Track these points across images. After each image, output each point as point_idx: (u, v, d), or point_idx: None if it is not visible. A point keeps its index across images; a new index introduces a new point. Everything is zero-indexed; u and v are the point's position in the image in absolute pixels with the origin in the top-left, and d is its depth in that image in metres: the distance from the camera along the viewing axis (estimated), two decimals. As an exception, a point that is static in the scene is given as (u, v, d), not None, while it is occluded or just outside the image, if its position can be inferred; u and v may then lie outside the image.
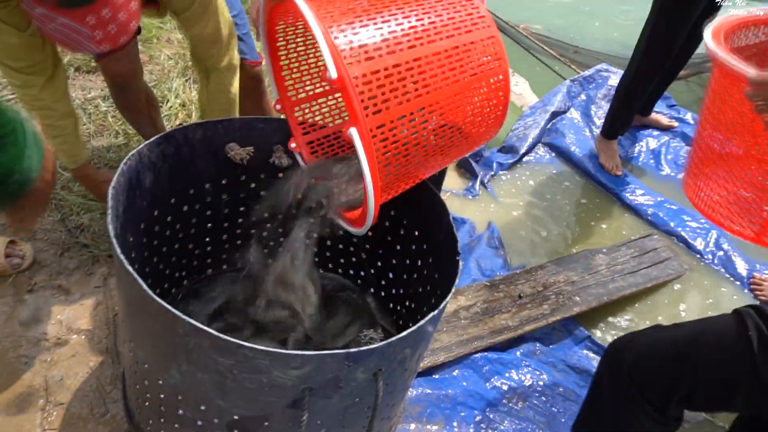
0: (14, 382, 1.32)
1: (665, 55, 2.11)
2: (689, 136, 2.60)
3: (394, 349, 0.84)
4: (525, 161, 2.42)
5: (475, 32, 0.92)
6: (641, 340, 1.04)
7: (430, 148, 0.93)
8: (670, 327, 1.05)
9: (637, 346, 1.03)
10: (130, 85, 1.64)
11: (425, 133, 0.90)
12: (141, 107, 1.73)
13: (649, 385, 0.99)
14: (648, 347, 1.02)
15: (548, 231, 2.12)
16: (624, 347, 1.05)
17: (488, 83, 0.95)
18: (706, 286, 1.98)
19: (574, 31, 3.73)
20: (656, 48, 2.09)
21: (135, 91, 1.67)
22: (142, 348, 0.95)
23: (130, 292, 0.89)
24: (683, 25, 2.01)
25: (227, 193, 1.38)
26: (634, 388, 1.00)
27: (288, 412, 0.87)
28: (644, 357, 1.01)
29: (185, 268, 1.45)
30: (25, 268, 1.53)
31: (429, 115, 0.88)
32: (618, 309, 1.85)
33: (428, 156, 0.95)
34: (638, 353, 1.01)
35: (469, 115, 0.95)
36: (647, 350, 1.01)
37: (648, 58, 2.13)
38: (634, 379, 1.00)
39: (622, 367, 1.02)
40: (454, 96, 0.90)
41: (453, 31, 0.90)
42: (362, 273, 1.55)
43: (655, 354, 1.00)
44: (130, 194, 1.12)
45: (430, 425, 1.41)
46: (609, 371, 1.07)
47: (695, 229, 2.15)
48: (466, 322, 1.64)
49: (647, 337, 1.04)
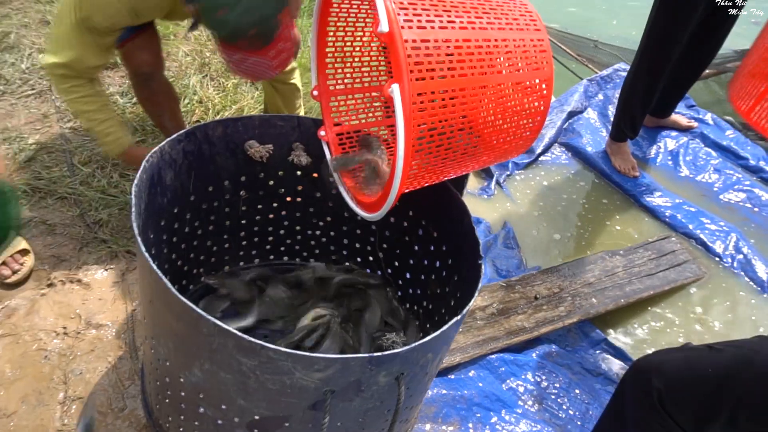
0: (35, 375, 1.33)
1: (665, 54, 2.07)
2: (708, 137, 2.57)
3: (416, 353, 0.84)
4: (541, 161, 2.40)
5: (527, 32, 0.92)
6: (672, 365, 0.98)
7: (464, 142, 0.93)
8: (705, 351, 0.99)
9: (668, 372, 0.98)
10: (153, 75, 1.65)
11: (462, 121, 0.89)
12: (163, 99, 1.74)
13: (683, 412, 0.95)
14: (681, 374, 0.96)
15: (564, 232, 2.11)
16: (651, 370, 1.00)
17: (532, 84, 0.94)
18: (725, 290, 1.95)
19: (591, 29, 3.69)
20: (655, 46, 2.06)
21: (158, 82, 1.69)
22: (164, 346, 0.96)
23: (154, 290, 0.89)
24: (683, 24, 1.98)
25: (246, 190, 1.38)
26: (665, 414, 0.96)
27: (309, 413, 0.87)
28: (677, 384, 0.96)
29: (203, 264, 1.46)
30: (18, 280, 1.50)
31: (471, 98, 0.87)
32: (635, 312, 1.83)
33: (459, 151, 0.94)
34: (670, 379, 0.96)
35: (508, 113, 0.94)
36: (680, 377, 0.96)
37: (647, 56, 2.10)
38: (665, 405, 0.96)
39: (650, 392, 0.97)
40: (497, 86, 0.90)
41: (506, 25, 0.91)
42: (379, 272, 1.55)
43: (691, 382, 0.95)
44: (152, 191, 1.12)
45: (445, 426, 1.40)
46: (634, 395, 1.01)
47: (714, 231, 2.13)
48: (482, 322, 1.63)
49: (679, 362, 0.97)
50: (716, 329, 1.82)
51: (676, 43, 2.03)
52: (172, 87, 1.79)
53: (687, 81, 2.33)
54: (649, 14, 2.04)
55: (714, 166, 2.47)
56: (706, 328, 1.82)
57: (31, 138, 1.91)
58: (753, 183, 2.41)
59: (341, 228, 1.51)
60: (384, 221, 1.42)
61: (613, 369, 1.64)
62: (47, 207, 1.71)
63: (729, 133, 2.61)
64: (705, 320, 1.85)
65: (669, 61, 2.10)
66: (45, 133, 1.96)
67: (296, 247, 1.57)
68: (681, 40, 2.03)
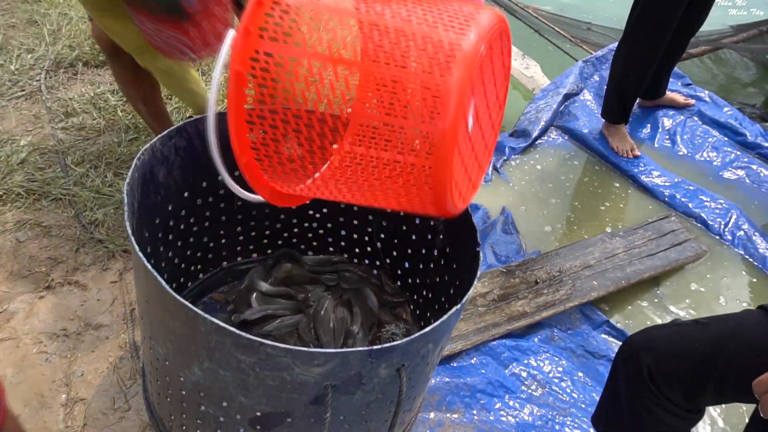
0: (36, 378, 1.33)
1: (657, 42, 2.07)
2: (706, 115, 2.55)
3: (417, 344, 0.83)
4: (537, 145, 2.39)
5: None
6: (660, 341, 1.00)
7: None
8: (692, 325, 1.01)
9: (657, 348, 0.99)
10: (119, 51, 1.55)
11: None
12: (131, 78, 1.65)
13: (672, 387, 0.97)
14: (669, 349, 0.98)
15: (562, 215, 2.10)
16: (640, 347, 1.01)
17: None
18: (726, 268, 1.95)
19: (585, 11, 3.66)
20: (646, 37, 2.06)
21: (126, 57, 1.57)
22: (163, 345, 0.95)
23: (150, 289, 0.88)
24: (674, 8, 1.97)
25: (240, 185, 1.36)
26: (655, 389, 0.98)
27: (310, 408, 0.87)
28: (665, 359, 0.97)
29: (200, 261, 1.45)
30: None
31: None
32: (636, 293, 1.83)
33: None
34: (658, 355, 0.98)
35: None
36: (668, 352, 0.98)
37: (638, 48, 2.10)
38: (655, 380, 0.97)
39: (640, 369, 0.99)
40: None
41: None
42: (377, 263, 1.54)
43: (679, 357, 0.96)
44: (145, 189, 1.11)
45: (449, 413, 1.40)
46: (625, 372, 1.03)
47: (714, 209, 2.12)
48: (483, 309, 1.63)
49: (667, 338, 1.00)
50: (718, 307, 1.82)
51: (668, 29, 2.03)
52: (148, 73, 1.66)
53: (675, 56, 2.32)
54: (633, 3, 2.03)
55: (712, 143, 2.45)
56: (708, 306, 1.82)
57: (23, 140, 1.90)
58: (751, 159, 2.40)
59: (338, 219, 1.50)
60: (381, 211, 1.41)
61: (616, 351, 1.64)
62: (42, 209, 1.69)
63: (726, 110, 2.59)
64: (707, 298, 1.84)
65: (661, 48, 2.10)
66: (37, 134, 1.94)
67: (293, 240, 1.56)
68: (672, 24, 2.02)
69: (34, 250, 1.58)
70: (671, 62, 2.36)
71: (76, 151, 1.88)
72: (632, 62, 2.15)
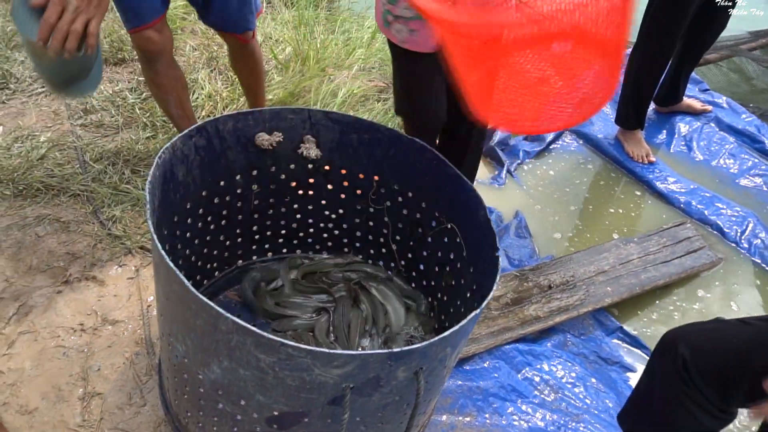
0: (53, 372, 1.35)
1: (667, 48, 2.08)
2: (723, 121, 2.53)
3: (435, 348, 0.84)
4: (552, 149, 2.38)
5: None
6: (699, 334, 1.00)
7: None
8: (734, 324, 1.00)
9: (694, 340, 0.99)
10: (160, 55, 1.57)
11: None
12: (167, 82, 1.65)
13: (706, 381, 0.96)
14: (706, 343, 0.97)
15: (576, 220, 2.09)
16: (678, 338, 1.01)
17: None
18: (742, 276, 1.93)
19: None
20: (657, 43, 2.08)
21: (164, 64, 1.60)
22: (182, 343, 0.96)
23: (171, 287, 0.89)
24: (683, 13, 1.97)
25: (257, 184, 1.38)
26: (689, 380, 0.97)
27: (328, 408, 0.87)
28: (702, 352, 0.96)
29: (216, 259, 1.46)
30: None
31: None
32: (651, 300, 1.82)
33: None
34: (695, 347, 0.97)
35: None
36: (705, 345, 0.97)
37: (650, 54, 2.11)
38: (689, 372, 0.97)
39: (675, 359, 0.98)
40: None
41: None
42: (392, 264, 1.55)
43: (715, 350, 0.96)
44: (165, 187, 1.12)
45: (461, 416, 1.40)
46: (661, 365, 1.03)
47: (730, 217, 2.10)
48: (496, 312, 1.63)
49: (706, 332, 1.00)
50: (733, 315, 1.80)
51: (677, 35, 2.04)
52: (180, 72, 1.69)
53: (693, 62, 2.32)
54: (645, 9, 2.03)
55: (729, 150, 2.43)
56: (723, 314, 1.80)
57: (43, 136, 1.92)
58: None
59: (354, 220, 1.50)
60: (397, 213, 1.42)
61: (629, 357, 1.63)
62: (60, 204, 1.71)
63: (744, 116, 2.56)
64: (722, 306, 1.83)
65: (671, 52, 2.11)
66: (56, 130, 1.96)
67: (309, 240, 1.56)
68: (681, 30, 2.04)
69: (53, 245, 1.60)
70: (688, 68, 2.36)
71: (94, 147, 1.90)
72: (645, 68, 2.16)
